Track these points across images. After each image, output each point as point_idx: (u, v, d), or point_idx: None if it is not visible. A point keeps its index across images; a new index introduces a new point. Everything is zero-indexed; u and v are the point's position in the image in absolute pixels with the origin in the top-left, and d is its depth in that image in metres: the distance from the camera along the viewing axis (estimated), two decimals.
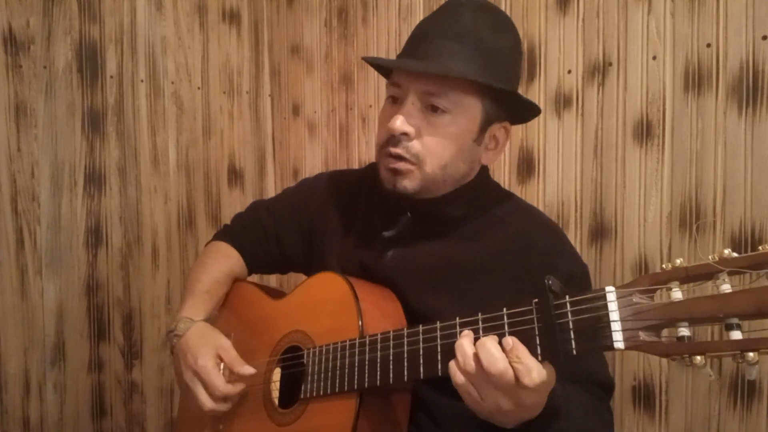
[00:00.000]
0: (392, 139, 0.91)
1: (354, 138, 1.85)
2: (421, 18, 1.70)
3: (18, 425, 1.77)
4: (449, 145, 0.91)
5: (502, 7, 1.45)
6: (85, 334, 1.85)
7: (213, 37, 2.00)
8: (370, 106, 1.80)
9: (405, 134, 0.90)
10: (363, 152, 1.83)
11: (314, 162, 1.98)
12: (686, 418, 1.22)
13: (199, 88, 1.98)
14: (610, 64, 1.30)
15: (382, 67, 1.04)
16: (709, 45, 1.17)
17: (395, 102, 0.94)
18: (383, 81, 1.74)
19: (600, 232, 1.34)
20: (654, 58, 1.24)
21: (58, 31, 1.77)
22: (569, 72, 1.36)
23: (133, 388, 1.91)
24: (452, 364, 0.73)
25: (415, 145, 0.90)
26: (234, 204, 2.03)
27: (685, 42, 1.20)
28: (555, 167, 1.40)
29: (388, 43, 1.74)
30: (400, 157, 0.91)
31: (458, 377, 0.72)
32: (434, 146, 0.91)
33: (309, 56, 1.97)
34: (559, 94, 1.38)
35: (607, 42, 1.30)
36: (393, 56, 1.73)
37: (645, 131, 1.26)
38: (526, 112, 0.98)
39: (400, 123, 0.89)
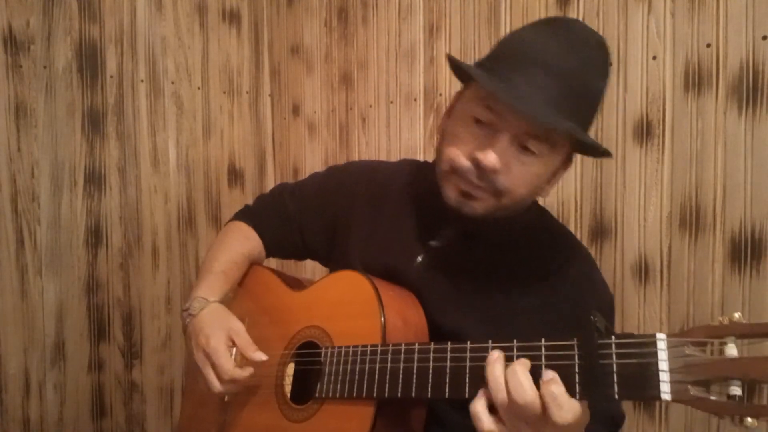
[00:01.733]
0: (478, 170, 0.85)
1: (354, 138, 1.85)
2: (422, 18, 1.71)
3: (18, 425, 1.77)
4: (530, 184, 0.88)
5: (502, 8, 1.45)
6: (85, 334, 1.85)
7: (213, 37, 2.00)
8: (370, 106, 1.80)
9: (494, 171, 0.84)
10: (363, 152, 1.83)
11: (314, 162, 1.98)
12: (686, 418, 1.22)
13: (199, 88, 1.98)
14: (610, 64, 1.30)
15: (462, 71, 0.92)
16: (709, 45, 1.17)
17: (482, 126, 0.86)
18: (383, 81, 1.76)
19: (600, 232, 1.34)
20: (654, 58, 1.24)
21: (58, 31, 1.77)
22: None
23: (133, 388, 1.91)
24: (479, 405, 0.69)
25: (500, 180, 0.85)
26: (234, 204, 2.03)
27: (685, 42, 1.20)
28: None
29: (388, 43, 1.74)
30: (480, 188, 0.86)
31: (486, 424, 0.69)
32: (517, 184, 0.86)
33: (309, 56, 1.97)
34: None
35: (607, 42, 1.30)
36: (393, 56, 1.73)
37: (645, 131, 1.26)
38: (596, 155, 0.94)
39: (494, 161, 0.83)
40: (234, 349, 0.99)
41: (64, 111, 1.79)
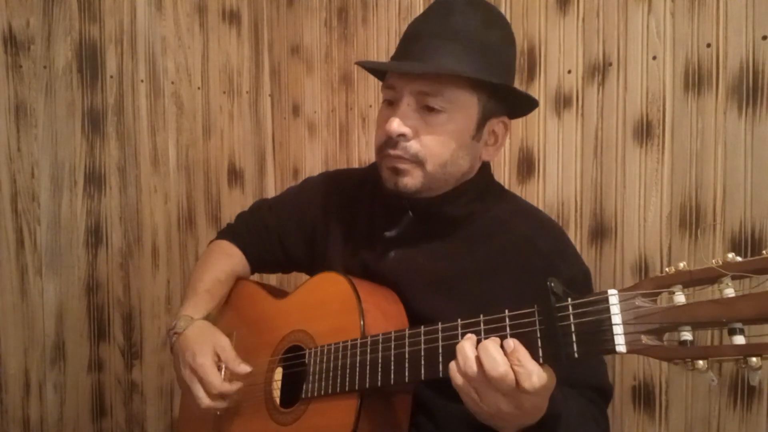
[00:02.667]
0: (390, 141, 0.91)
1: (354, 138, 1.85)
2: None
3: (18, 425, 1.77)
4: (448, 144, 0.91)
5: (502, 8, 1.45)
6: (85, 334, 1.85)
7: (213, 37, 2.00)
8: (370, 106, 1.80)
9: (402, 135, 0.90)
10: (363, 152, 1.83)
11: (314, 162, 1.98)
12: (686, 418, 1.22)
13: (199, 88, 1.98)
14: (610, 64, 1.30)
15: (376, 70, 1.03)
16: (709, 45, 1.17)
17: (391, 105, 0.94)
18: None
19: (600, 232, 1.34)
20: (654, 58, 1.24)
21: (58, 31, 1.77)
22: (569, 72, 1.36)
23: (133, 388, 1.91)
24: (452, 365, 0.72)
25: (414, 145, 0.90)
26: (234, 204, 2.03)
27: (685, 42, 1.20)
28: (555, 167, 1.39)
29: (388, 43, 1.74)
30: (399, 158, 0.91)
31: (458, 378, 0.71)
32: (433, 145, 0.90)
33: (309, 56, 1.97)
34: (559, 94, 1.38)
35: (607, 42, 1.31)
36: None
37: (645, 131, 1.26)
38: (523, 105, 0.98)
39: (396, 125, 0.89)
40: (223, 366, 0.99)
41: (64, 111, 1.79)
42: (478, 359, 0.70)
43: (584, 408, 0.87)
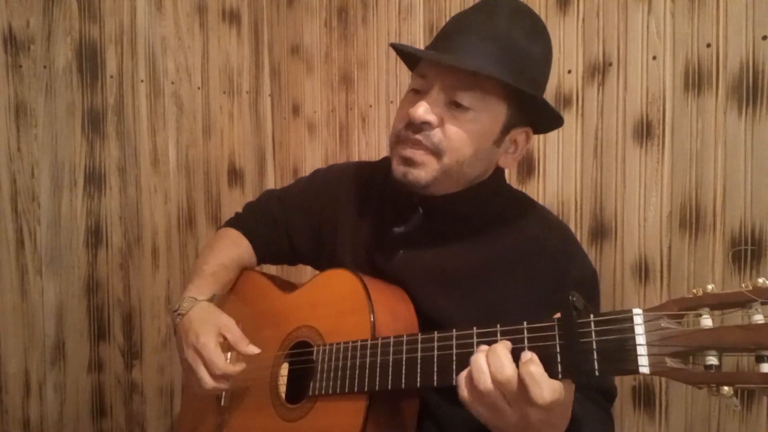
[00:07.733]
0: (412, 125, 0.88)
1: (354, 138, 1.85)
2: (422, 18, 1.72)
3: (18, 425, 1.77)
4: (470, 142, 0.89)
5: None
6: (85, 334, 1.85)
7: (213, 37, 2.00)
8: (370, 106, 1.80)
9: (427, 123, 0.87)
10: (363, 152, 1.83)
11: (314, 162, 1.98)
12: (686, 418, 1.22)
13: (199, 88, 1.98)
14: (610, 64, 1.30)
15: (407, 56, 1.00)
16: (709, 45, 1.17)
17: (417, 93, 0.92)
18: (383, 81, 1.76)
19: (600, 232, 1.34)
20: (654, 58, 1.24)
21: (58, 31, 1.77)
22: (569, 72, 1.36)
23: (133, 388, 1.91)
24: (461, 378, 0.71)
25: (437, 134, 0.88)
26: (234, 204, 2.03)
27: (685, 42, 1.20)
28: (555, 167, 1.40)
29: (388, 43, 1.74)
30: (418, 144, 0.88)
31: (464, 392, 0.70)
32: (455, 140, 0.88)
33: (309, 56, 1.97)
34: (559, 94, 1.38)
35: (607, 42, 1.31)
36: (393, 56, 1.73)
37: (645, 131, 1.26)
38: (548, 122, 0.95)
39: (422, 111, 0.87)
40: (228, 351, 0.99)
41: (64, 111, 1.79)
42: (488, 364, 0.69)
43: (595, 415, 0.86)
